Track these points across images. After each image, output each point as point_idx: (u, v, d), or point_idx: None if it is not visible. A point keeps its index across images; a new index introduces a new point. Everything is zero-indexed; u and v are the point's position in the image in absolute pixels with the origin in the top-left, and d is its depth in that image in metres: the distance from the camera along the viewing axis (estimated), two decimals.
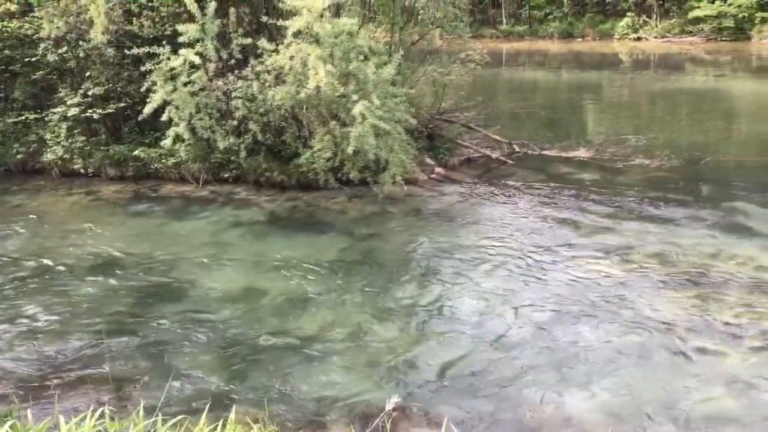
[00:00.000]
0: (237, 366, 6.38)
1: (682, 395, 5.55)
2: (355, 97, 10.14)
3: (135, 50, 11.44)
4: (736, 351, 6.15)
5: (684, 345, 6.30)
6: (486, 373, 6.04)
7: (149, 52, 11.11)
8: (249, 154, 11.86)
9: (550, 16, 43.93)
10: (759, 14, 35.18)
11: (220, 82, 11.55)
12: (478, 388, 5.83)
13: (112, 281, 8.43)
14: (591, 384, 5.79)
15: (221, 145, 11.51)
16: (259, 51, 11.08)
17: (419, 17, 13.94)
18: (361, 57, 10.45)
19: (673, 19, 38.49)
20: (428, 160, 12.68)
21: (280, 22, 10.61)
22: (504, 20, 45.71)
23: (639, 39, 38.76)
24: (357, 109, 9.91)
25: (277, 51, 10.79)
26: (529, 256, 8.57)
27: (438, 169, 12.52)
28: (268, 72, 11.05)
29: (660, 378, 5.81)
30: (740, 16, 35.54)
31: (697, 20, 36.83)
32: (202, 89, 11.33)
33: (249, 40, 11.29)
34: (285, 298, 7.78)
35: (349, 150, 10.11)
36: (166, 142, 11.32)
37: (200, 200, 11.55)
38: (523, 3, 45.52)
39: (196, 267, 8.75)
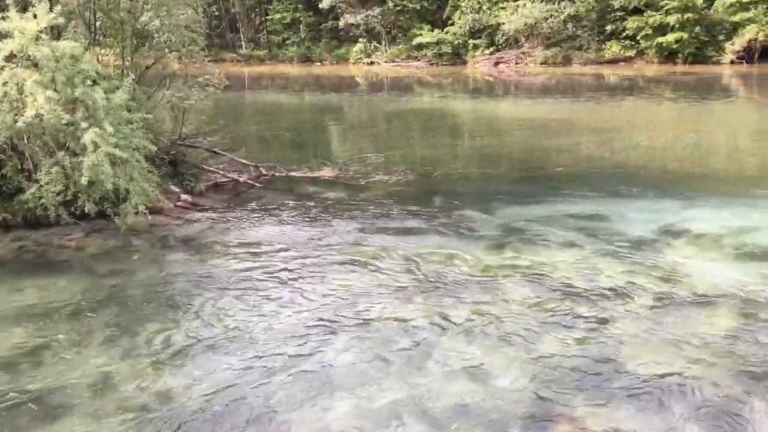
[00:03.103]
0: None
1: (428, 393, 5.95)
2: (84, 124, 9.43)
3: None
4: (472, 345, 6.76)
5: (427, 345, 6.78)
6: (244, 402, 5.93)
7: None
8: None
9: (288, 41, 45.11)
10: (471, 41, 39.60)
11: None
12: (237, 417, 5.71)
13: None
14: (345, 396, 5.97)
15: None
16: None
17: (153, 40, 13.43)
18: (89, 82, 9.77)
19: (400, 45, 41.79)
20: (173, 188, 12.22)
21: None
22: (243, 44, 45.90)
23: (372, 63, 41.43)
24: (88, 138, 9.22)
25: None
26: (280, 278, 8.63)
27: (184, 197, 12.12)
28: None
29: (408, 380, 6.17)
30: (456, 42, 39.70)
31: (421, 46, 40.41)
32: None
33: None
34: (16, 350, 6.91)
35: (83, 181, 9.36)
36: None
37: None
38: (261, 28, 46.14)
39: None
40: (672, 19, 34.63)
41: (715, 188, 12.68)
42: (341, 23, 43.00)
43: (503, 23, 38.31)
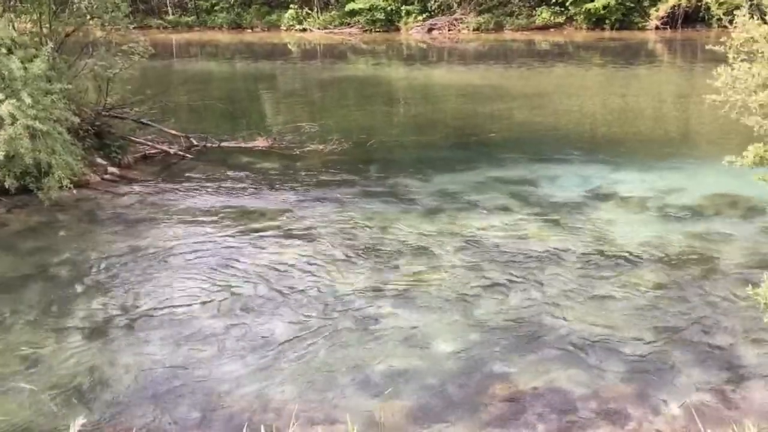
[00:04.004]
0: None
1: (367, 359, 6.01)
2: (0, 95, 8.96)
3: None
4: (409, 311, 6.84)
5: (365, 312, 6.82)
6: (182, 374, 5.86)
7: None
8: None
9: (217, 7, 43.75)
10: (404, 7, 39.31)
11: None
12: (174, 390, 5.63)
13: None
14: (284, 366, 5.97)
15: None
16: None
17: (74, 6, 12.79)
18: (4, 50, 9.27)
19: (333, 12, 41.07)
20: (99, 160, 11.81)
21: None
22: (170, 10, 44.31)
23: (304, 30, 40.66)
24: (4, 110, 8.77)
25: None
26: (214, 251, 8.49)
27: (111, 169, 11.74)
28: None
29: (347, 347, 6.21)
30: (389, 9, 39.32)
31: (353, 13, 39.82)
32: None
33: None
34: None
35: (0, 156, 8.93)
36: None
37: None
38: None
39: None
40: None
41: (641, 151, 13.08)
42: None
43: None
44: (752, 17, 4.31)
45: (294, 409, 5.25)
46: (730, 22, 4.41)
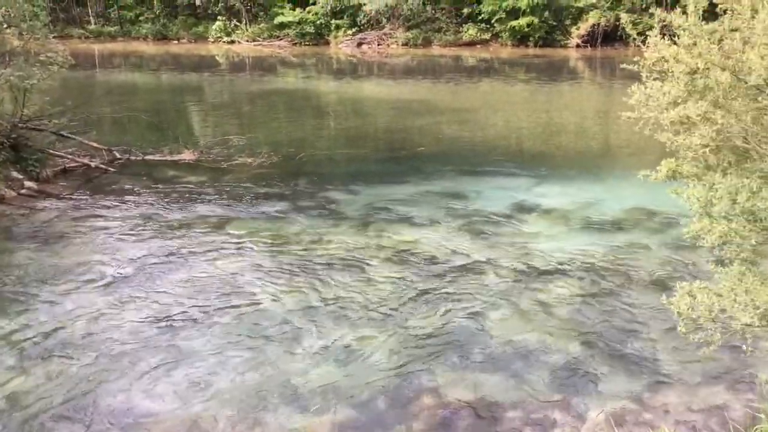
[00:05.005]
0: None
1: (296, 374, 5.96)
2: None
3: None
4: (338, 325, 6.82)
5: (294, 328, 6.76)
6: (104, 396, 5.65)
7: None
8: None
9: (142, 18, 42.83)
10: (333, 21, 39.47)
11: None
12: (97, 411, 5.42)
13: None
14: (210, 384, 5.84)
15: None
16: None
17: None
18: None
19: (262, 24, 40.85)
20: (15, 174, 11.33)
21: None
22: (92, 20, 43.08)
23: (232, 42, 40.25)
24: None
25: None
26: (138, 267, 8.26)
27: (29, 184, 11.27)
28: None
29: (274, 363, 6.14)
30: (318, 23, 39.40)
31: (283, 26, 39.74)
32: None
33: None
34: None
35: None
36: None
37: None
38: (111, 2, 43.47)
39: None
40: (523, 4, 36.31)
41: (564, 165, 13.51)
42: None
43: (365, 4, 38.48)
44: (663, 38, 4.50)
45: (220, 429, 5.14)
46: (644, 42, 4.59)
